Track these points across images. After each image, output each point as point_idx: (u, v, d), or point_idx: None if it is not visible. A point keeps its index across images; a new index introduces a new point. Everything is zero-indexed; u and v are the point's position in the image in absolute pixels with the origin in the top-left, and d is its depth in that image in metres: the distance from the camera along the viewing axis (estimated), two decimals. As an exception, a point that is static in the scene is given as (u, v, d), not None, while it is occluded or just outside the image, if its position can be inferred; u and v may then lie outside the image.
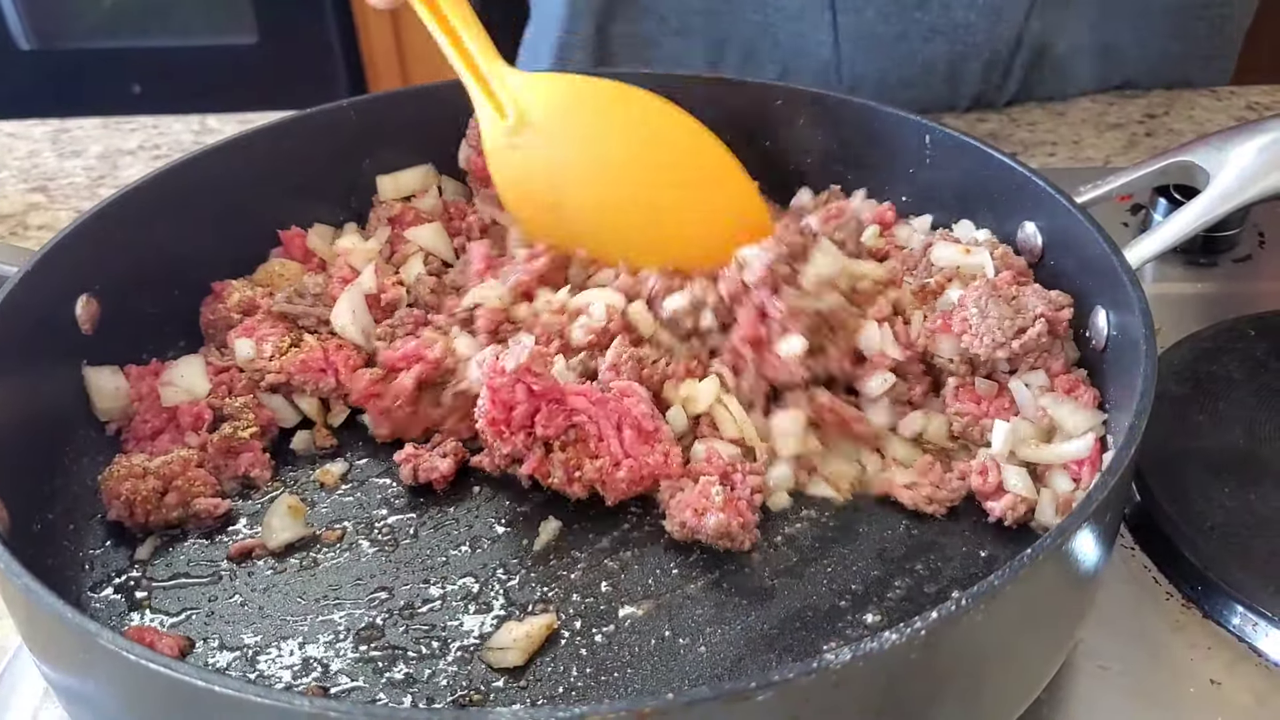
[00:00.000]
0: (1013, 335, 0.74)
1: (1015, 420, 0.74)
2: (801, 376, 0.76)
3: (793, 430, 0.75)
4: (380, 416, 0.79)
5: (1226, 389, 0.84)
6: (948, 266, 0.83)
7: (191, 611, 0.69)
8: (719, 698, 0.46)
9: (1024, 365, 0.75)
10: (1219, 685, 0.67)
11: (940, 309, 0.80)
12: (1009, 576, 0.51)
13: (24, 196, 1.26)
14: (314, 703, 0.45)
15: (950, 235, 0.87)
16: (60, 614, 0.51)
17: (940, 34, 1.23)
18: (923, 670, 0.51)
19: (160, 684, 0.48)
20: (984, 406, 0.76)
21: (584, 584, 0.69)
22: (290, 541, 0.72)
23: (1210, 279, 1.00)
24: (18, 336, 0.72)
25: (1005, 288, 0.77)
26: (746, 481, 0.73)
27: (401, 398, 0.78)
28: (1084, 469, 0.70)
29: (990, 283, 0.78)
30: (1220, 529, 0.73)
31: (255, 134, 0.91)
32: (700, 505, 0.70)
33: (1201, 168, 0.77)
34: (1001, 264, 0.81)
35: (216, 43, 2.56)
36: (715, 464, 0.74)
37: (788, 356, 0.75)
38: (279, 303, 0.84)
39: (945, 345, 0.77)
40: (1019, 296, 0.76)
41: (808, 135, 0.95)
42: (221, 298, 0.86)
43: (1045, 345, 0.75)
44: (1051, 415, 0.73)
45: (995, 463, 0.72)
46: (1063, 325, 0.75)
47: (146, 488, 0.72)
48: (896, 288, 0.81)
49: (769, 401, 0.78)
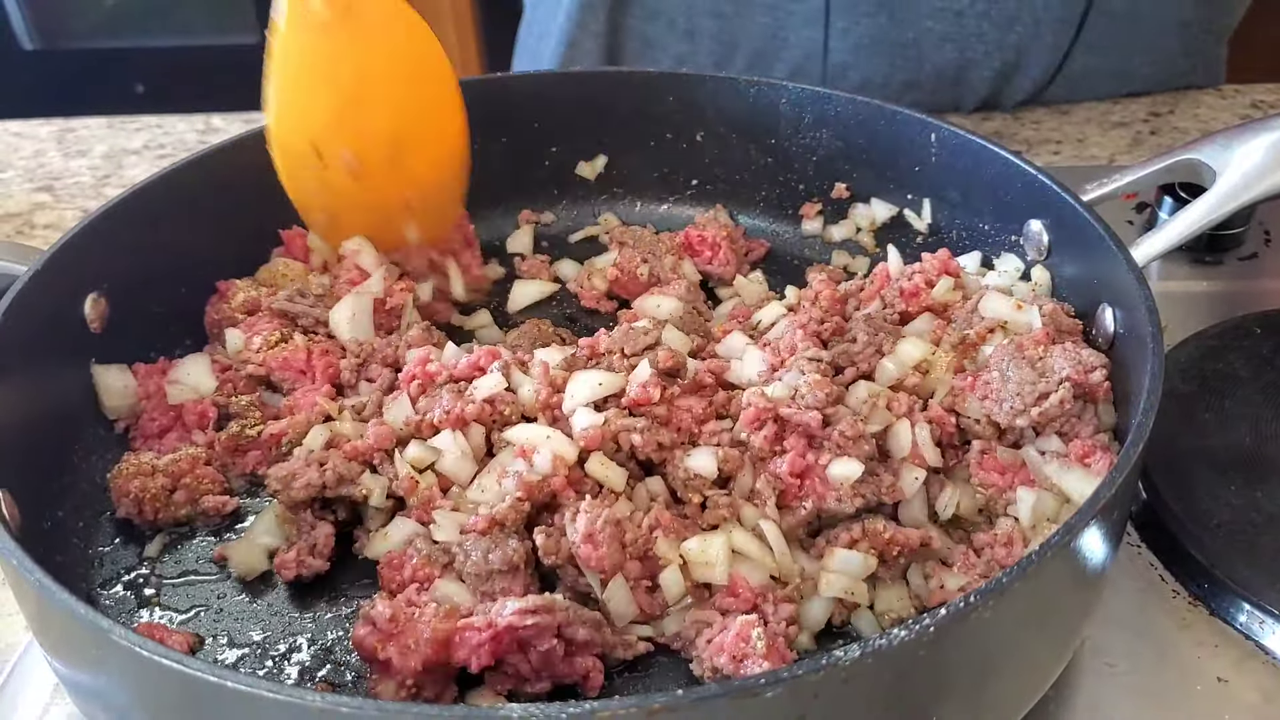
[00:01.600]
0: (1034, 401, 0.69)
1: (1040, 491, 0.68)
2: (854, 505, 0.67)
3: (854, 571, 0.65)
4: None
5: (1233, 387, 0.84)
6: (992, 319, 0.77)
7: (200, 608, 0.69)
8: (727, 694, 0.46)
9: (1049, 430, 0.70)
10: (1226, 683, 0.67)
11: (979, 362, 0.75)
12: (1017, 574, 0.51)
13: (30, 196, 1.26)
14: (325, 698, 0.46)
15: (1001, 288, 0.81)
16: (73, 610, 0.51)
17: (951, 41, 1.24)
18: (931, 667, 0.51)
19: (173, 680, 0.48)
20: (1008, 478, 0.70)
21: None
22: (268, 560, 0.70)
23: (1216, 277, 1.00)
24: (27, 335, 0.72)
25: (1032, 348, 0.71)
26: (779, 613, 0.63)
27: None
28: None
29: (1016, 343, 0.72)
30: (1227, 527, 0.73)
31: (259, 134, 0.91)
32: (739, 651, 0.59)
33: (1207, 165, 0.77)
34: (1050, 320, 0.75)
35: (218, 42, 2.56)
36: (744, 596, 0.63)
37: (840, 480, 0.67)
38: (279, 300, 0.85)
39: (973, 405, 0.71)
40: (1045, 358, 0.70)
41: (813, 134, 0.95)
42: (226, 297, 0.87)
43: (1072, 411, 0.69)
44: (1057, 484, 0.68)
45: (1021, 534, 0.67)
46: (1099, 389, 0.69)
47: (155, 485, 0.73)
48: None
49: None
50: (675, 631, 0.64)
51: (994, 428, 0.71)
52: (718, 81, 0.96)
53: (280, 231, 0.92)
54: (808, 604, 0.65)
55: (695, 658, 0.62)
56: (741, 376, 0.75)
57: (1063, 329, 0.75)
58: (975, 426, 0.72)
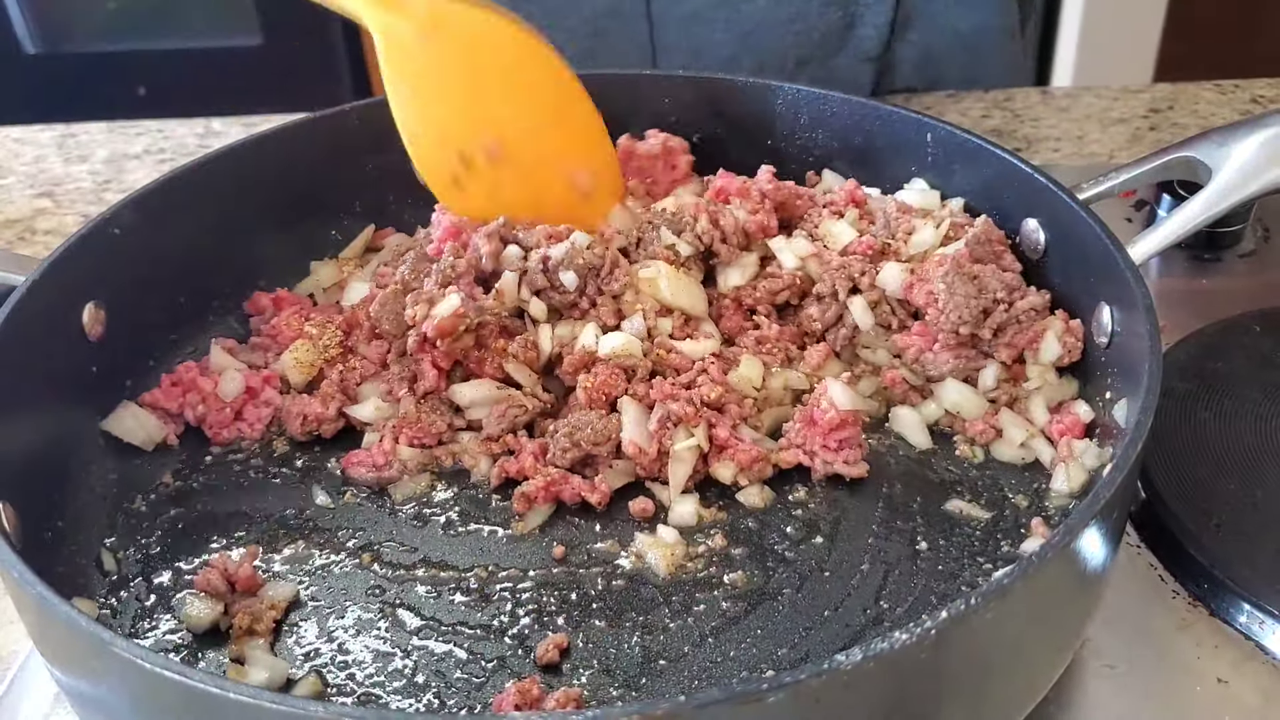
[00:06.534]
0: (979, 315, 0.77)
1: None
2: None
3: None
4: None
5: (1232, 385, 0.84)
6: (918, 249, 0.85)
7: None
8: (730, 699, 0.46)
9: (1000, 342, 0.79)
10: (1226, 684, 0.67)
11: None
12: (1018, 574, 0.51)
13: (31, 202, 1.26)
14: (327, 707, 0.46)
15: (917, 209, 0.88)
16: (74, 622, 0.51)
17: (833, 5, 1.25)
18: (932, 670, 0.51)
19: (174, 690, 0.48)
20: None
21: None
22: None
23: (1215, 274, 0.99)
24: (25, 345, 0.72)
25: (968, 265, 0.79)
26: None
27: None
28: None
29: (955, 259, 0.79)
30: (1227, 526, 0.73)
31: (259, 140, 0.91)
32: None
33: (1204, 163, 0.77)
34: (982, 238, 0.83)
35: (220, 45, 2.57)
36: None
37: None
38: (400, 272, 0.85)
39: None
40: (980, 276, 0.78)
41: (809, 135, 0.95)
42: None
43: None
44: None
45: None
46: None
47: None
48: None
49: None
50: None
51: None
52: (713, 82, 0.96)
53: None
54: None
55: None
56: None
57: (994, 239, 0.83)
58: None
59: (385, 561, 0.72)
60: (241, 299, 0.92)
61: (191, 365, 0.84)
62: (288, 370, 0.84)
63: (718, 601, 0.68)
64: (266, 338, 0.88)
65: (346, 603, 0.69)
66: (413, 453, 0.78)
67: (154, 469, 0.79)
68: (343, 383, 0.83)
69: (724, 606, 0.68)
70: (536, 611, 0.68)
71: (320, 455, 0.81)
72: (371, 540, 0.74)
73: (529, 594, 0.70)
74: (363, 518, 0.75)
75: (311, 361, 0.84)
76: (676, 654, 0.65)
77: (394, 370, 0.82)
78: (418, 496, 0.77)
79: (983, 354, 0.80)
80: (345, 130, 0.95)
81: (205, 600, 0.68)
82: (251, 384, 0.83)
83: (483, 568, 0.71)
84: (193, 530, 0.75)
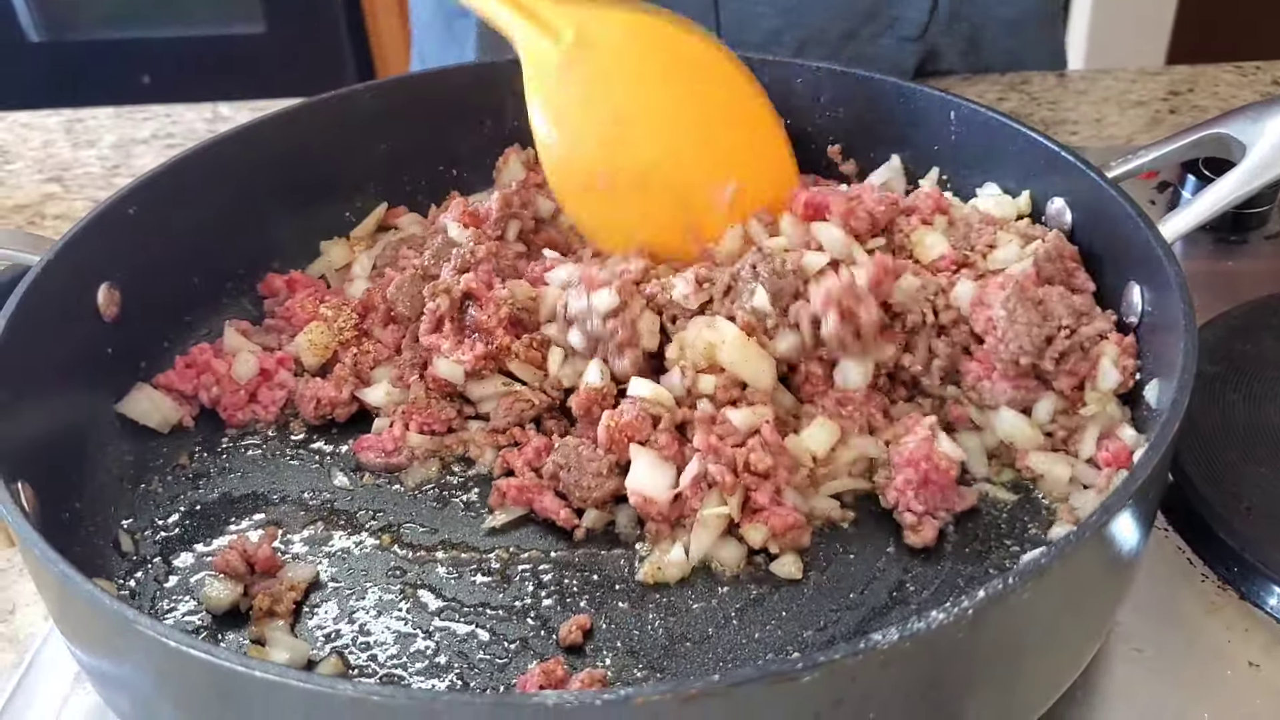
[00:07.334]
0: (1042, 345, 0.71)
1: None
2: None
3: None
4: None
5: (1260, 367, 0.83)
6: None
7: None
8: (764, 678, 0.45)
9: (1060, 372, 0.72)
10: (1258, 668, 0.66)
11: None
12: (1055, 555, 0.50)
13: (40, 187, 1.26)
14: (356, 686, 0.45)
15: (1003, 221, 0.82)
16: (96, 600, 0.51)
17: None
18: (968, 651, 0.50)
19: (199, 669, 0.47)
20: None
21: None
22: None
23: (1240, 256, 0.98)
24: (41, 325, 0.71)
25: (1032, 289, 0.72)
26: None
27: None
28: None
29: (1019, 283, 0.72)
30: (1257, 509, 0.72)
31: (272, 120, 0.90)
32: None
33: (1237, 139, 0.75)
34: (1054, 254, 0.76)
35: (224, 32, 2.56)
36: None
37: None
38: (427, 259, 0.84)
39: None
40: (1045, 301, 0.72)
41: (830, 113, 0.94)
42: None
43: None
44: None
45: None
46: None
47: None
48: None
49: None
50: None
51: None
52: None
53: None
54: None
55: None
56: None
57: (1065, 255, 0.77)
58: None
59: (405, 543, 0.71)
60: (255, 281, 0.91)
61: (206, 347, 0.83)
62: (302, 352, 0.83)
63: (742, 583, 0.68)
64: (281, 320, 0.87)
65: (367, 584, 0.68)
66: (422, 439, 0.77)
67: (171, 451, 0.79)
68: (356, 366, 0.82)
69: (748, 589, 0.67)
70: (559, 593, 0.67)
71: (338, 437, 0.80)
72: (391, 521, 0.73)
73: (550, 575, 0.69)
74: (382, 499, 0.75)
75: (326, 344, 0.83)
76: (701, 635, 0.65)
77: (405, 356, 0.81)
78: (431, 481, 0.76)
79: (1043, 383, 0.73)
80: (358, 110, 0.94)
81: (225, 581, 0.67)
82: (266, 366, 0.82)
83: (504, 549, 0.71)
84: (211, 512, 0.74)
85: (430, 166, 0.98)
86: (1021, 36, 1.33)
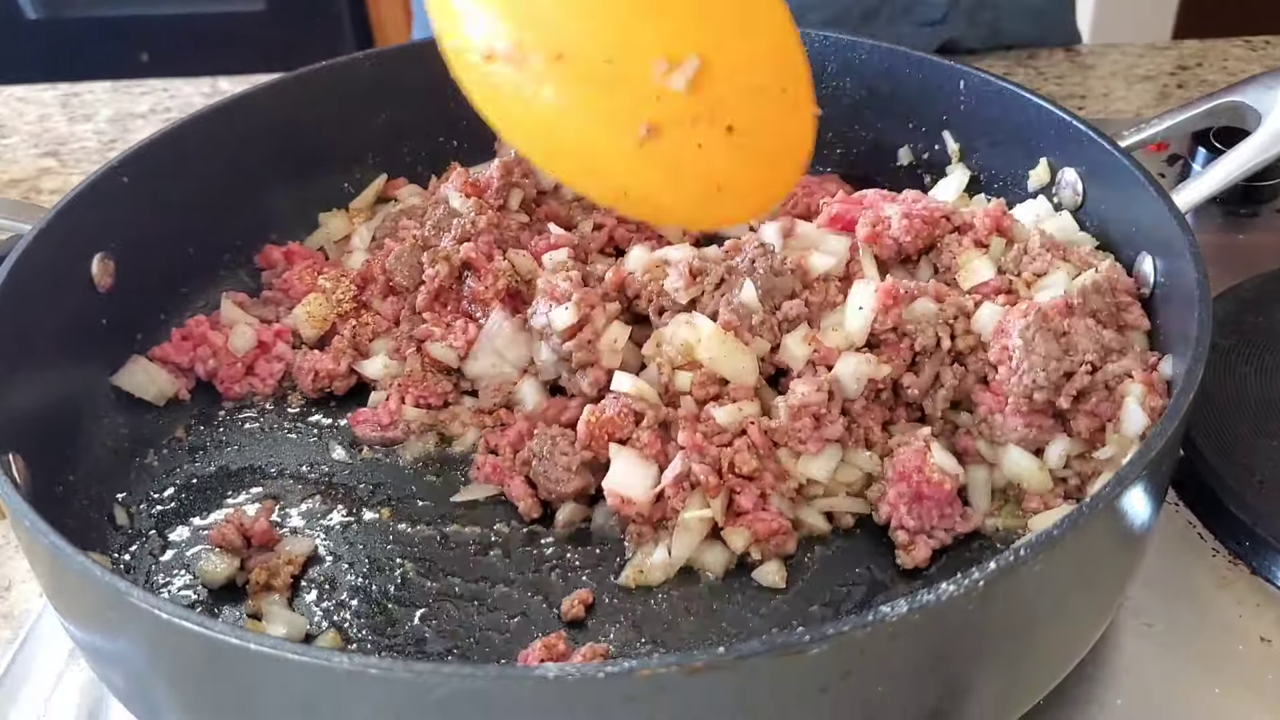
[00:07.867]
0: (1059, 379, 0.65)
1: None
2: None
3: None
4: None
5: (1272, 340, 0.82)
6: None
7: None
8: (771, 651, 0.44)
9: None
10: (1269, 643, 0.66)
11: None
12: (1067, 527, 0.49)
13: (36, 161, 1.24)
14: (352, 659, 0.44)
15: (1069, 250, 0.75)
16: (89, 572, 0.49)
17: None
18: (978, 624, 0.49)
19: (195, 642, 0.46)
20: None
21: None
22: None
23: (1251, 229, 0.97)
24: (33, 294, 0.70)
25: (1057, 319, 0.66)
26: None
27: None
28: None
29: (1042, 312, 0.67)
30: (1269, 483, 0.71)
31: (270, 88, 0.89)
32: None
33: (1253, 108, 0.74)
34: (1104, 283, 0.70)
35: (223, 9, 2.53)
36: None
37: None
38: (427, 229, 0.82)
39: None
40: (1070, 334, 0.66)
41: (837, 83, 0.92)
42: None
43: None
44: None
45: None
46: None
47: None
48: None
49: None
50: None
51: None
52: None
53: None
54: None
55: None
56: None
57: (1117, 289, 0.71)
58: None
59: (405, 517, 0.70)
60: (252, 252, 0.89)
61: (202, 319, 0.82)
62: (300, 324, 0.82)
63: (747, 557, 0.67)
64: (278, 291, 0.86)
65: (366, 558, 0.67)
66: (418, 413, 0.76)
67: (166, 423, 0.78)
68: (355, 338, 0.81)
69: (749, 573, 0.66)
70: (560, 568, 0.67)
71: (336, 410, 0.79)
72: (390, 496, 0.72)
73: (553, 550, 0.68)
74: (381, 473, 0.74)
75: (324, 315, 0.82)
76: (705, 610, 0.64)
77: (403, 328, 0.80)
78: (430, 455, 0.75)
79: (1061, 422, 0.68)
80: (357, 79, 0.92)
81: (221, 555, 0.66)
82: (263, 338, 0.81)
83: (505, 523, 0.70)
84: (207, 485, 0.73)
85: (431, 137, 0.96)
86: (1043, 23, 1.31)
